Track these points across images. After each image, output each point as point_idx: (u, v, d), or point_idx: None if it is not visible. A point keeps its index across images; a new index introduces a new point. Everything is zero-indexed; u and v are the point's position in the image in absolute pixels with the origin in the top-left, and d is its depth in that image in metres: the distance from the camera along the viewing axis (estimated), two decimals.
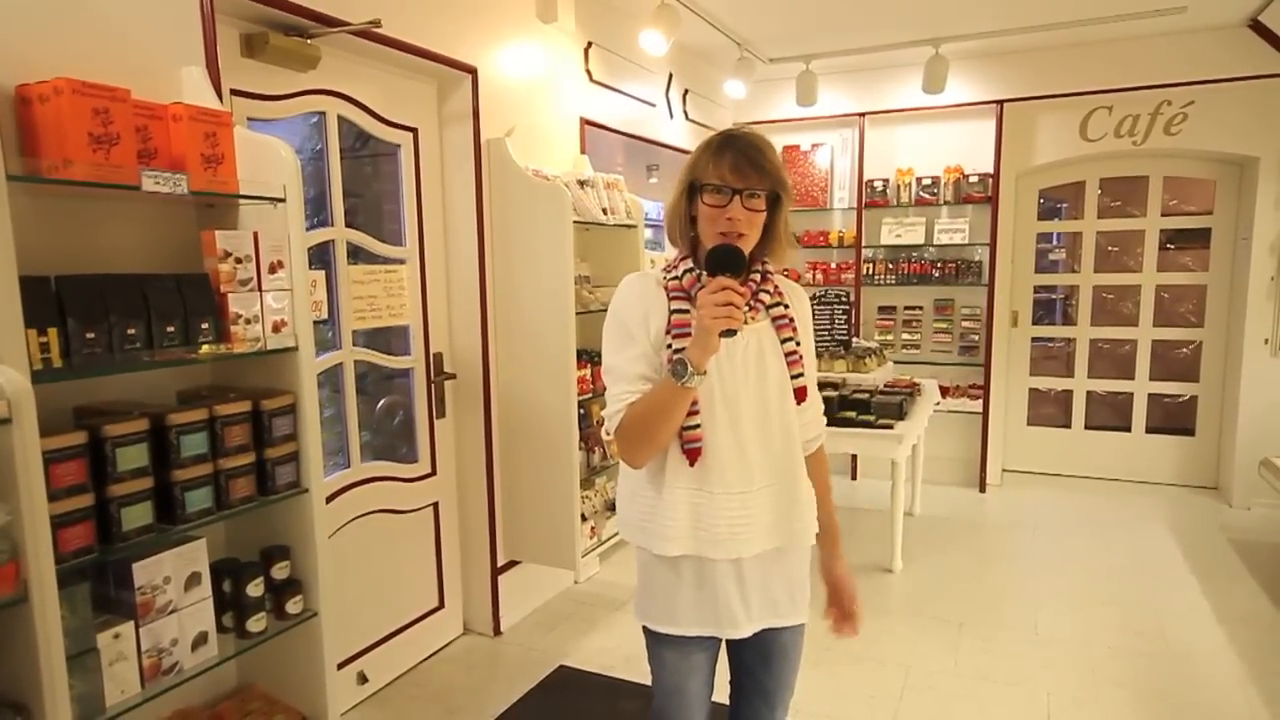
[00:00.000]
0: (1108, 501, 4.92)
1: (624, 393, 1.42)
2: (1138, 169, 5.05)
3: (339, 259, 2.63)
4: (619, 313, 1.47)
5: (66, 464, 1.44)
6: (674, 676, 1.57)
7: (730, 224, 1.40)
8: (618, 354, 1.45)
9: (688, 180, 1.45)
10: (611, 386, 1.45)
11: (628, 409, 1.41)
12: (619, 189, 3.56)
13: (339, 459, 2.74)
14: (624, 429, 1.42)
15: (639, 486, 1.51)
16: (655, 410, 1.38)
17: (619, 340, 1.45)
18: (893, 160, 5.28)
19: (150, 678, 1.62)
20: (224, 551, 1.95)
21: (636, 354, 1.43)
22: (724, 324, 1.30)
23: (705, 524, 1.46)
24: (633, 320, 1.45)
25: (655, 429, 1.39)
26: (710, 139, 1.46)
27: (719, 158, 1.41)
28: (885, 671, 2.94)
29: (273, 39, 2.26)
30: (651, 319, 1.44)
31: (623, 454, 1.46)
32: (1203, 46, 4.52)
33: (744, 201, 1.40)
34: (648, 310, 1.45)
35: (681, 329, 1.40)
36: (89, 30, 1.74)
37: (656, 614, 1.53)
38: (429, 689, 2.89)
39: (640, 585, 1.58)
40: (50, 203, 1.65)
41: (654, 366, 1.43)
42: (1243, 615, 3.35)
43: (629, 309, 1.46)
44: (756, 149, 1.42)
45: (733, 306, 1.29)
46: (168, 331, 1.62)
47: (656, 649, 1.58)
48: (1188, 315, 5.30)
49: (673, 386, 1.34)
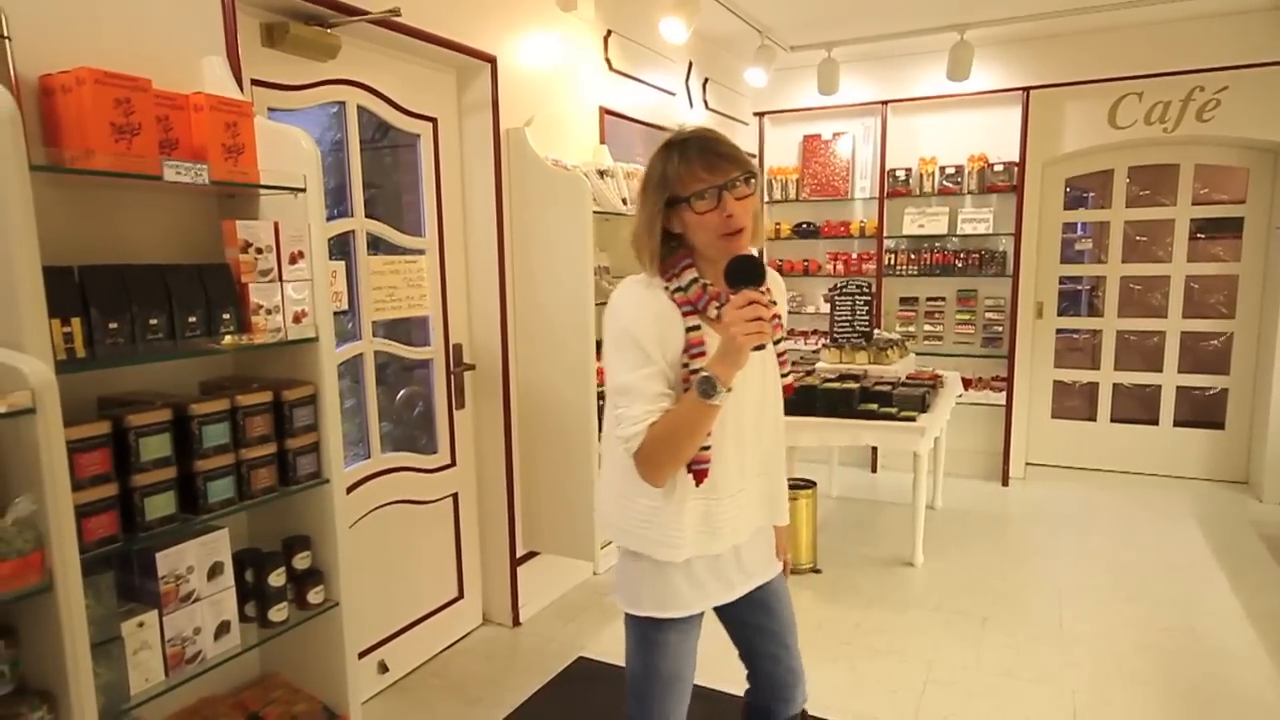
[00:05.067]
0: (1134, 496, 4.84)
1: (646, 413, 1.37)
2: (1168, 157, 4.93)
3: (359, 249, 2.63)
4: (632, 331, 1.40)
5: (90, 454, 1.45)
6: (674, 662, 1.55)
7: (730, 221, 1.37)
8: (633, 372, 1.39)
9: (662, 198, 1.40)
10: (629, 406, 1.39)
11: (648, 429, 1.37)
12: (638, 179, 3.53)
13: (359, 449, 2.74)
14: (649, 450, 1.38)
15: (634, 491, 1.47)
16: (683, 429, 1.36)
17: (634, 359, 1.39)
18: (915, 149, 5.20)
19: (174, 666, 1.63)
20: (246, 541, 1.96)
21: (653, 372, 1.39)
22: (756, 340, 1.28)
23: (709, 525, 1.49)
24: (648, 339, 1.39)
25: (682, 448, 1.37)
26: (663, 151, 1.42)
27: (687, 164, 1.37)
28: (907, 666, 2.91)
29: (293, 28, 2.26)
30: (668, 339, 1.40)
31: (648, 474, 1.41)
32: (1237, 30, 4.40)
33: (733, 194, 1.37)
34: (664, 330, 1.40)
35: (698, 347, 1.38)
36: (111, 20, 1.74)
37: (657, 602, 1.51)
38: (448, 679, 2.90)
39: (630, 580, 1.54)
40: (73, 193, 1.66)
41: (670, 383, 1.40)
42: (1273, 612, 3.28)
43: (642, 327, 1.39)
44: (716, 140, 1.40)
45: (761, 320, 1.27)
46: (189, 322, 1.63)
47: (657, 635, 1.53)
48: (1218, 306, 5.18)
49: (701, 405, 1.32)
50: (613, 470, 1.53)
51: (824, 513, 4.44)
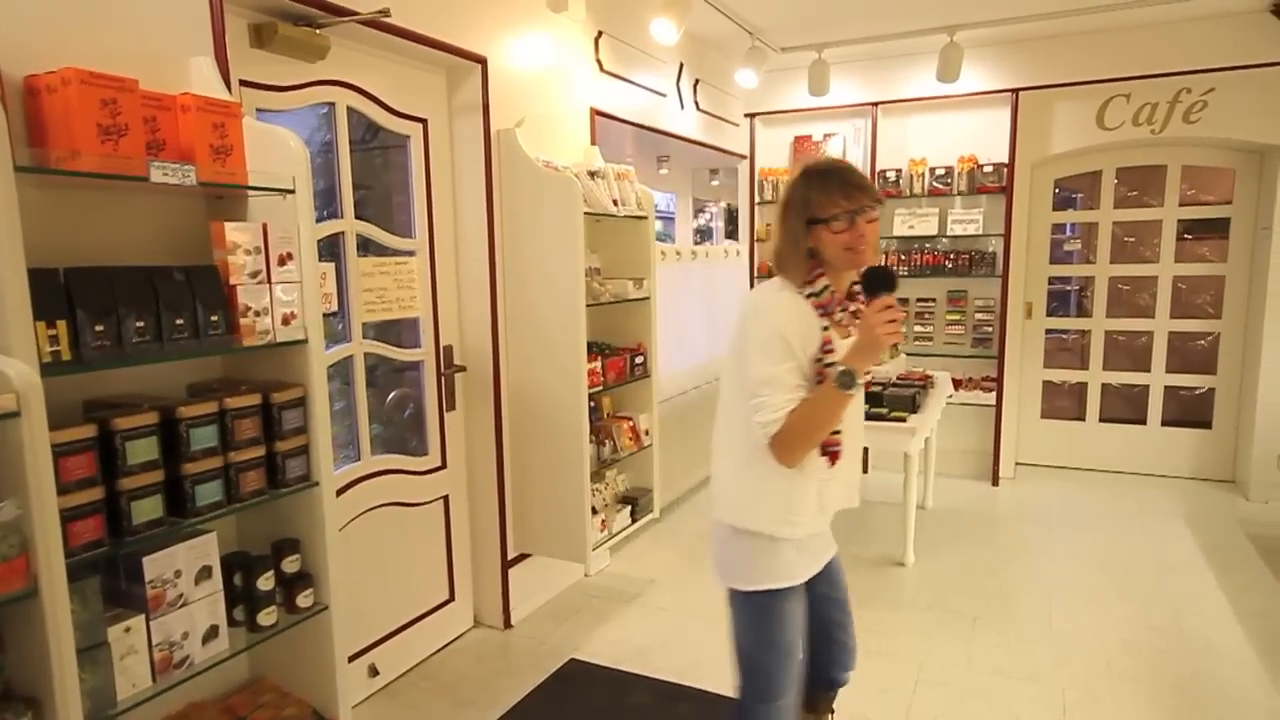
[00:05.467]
0: (1122, 495, 4.87)
1: (786, 401, 1.58)
2: (1155, 158, 4.97)
3: (349, 251, 2.61)
4: (780, 330, 1.61)
5: (76, 457, 1.44)
6: (791, 630, 1.76)
7: (860, 240, 1.61)
8: (778, 365, 1.60)
9: (804, 218, 1.64)
10: (771, 395, 1.59)
11: (787, 416, 1.58)
12: (630, 180, 3.53)
13: (349, 452, 2.73)
14: (788, 434, 1.58)
15: (765, 474, 1.66)
16: (821, 416, 1.58)
17: (780, 354, 1.60)
18: (906, 150, 5.22)
19: (161, 671, 1.62)
20: (235, 545, 1.95)
21: (794, 366, 1.61)
22: (893, 339, 1.52)
23: (821, 503, 1.74)
24: (794, 338, 1.61)
25: (819, 433, 1.60)
26: (804, 179, 1.67)
27: (826, 190, 1.62)
28: (898, 665, 2.91)
29: (281, 29, 2.25)
30: (808, 337, 1.63)
31: (783, 456, 1.61)
32: (1223, 32, 4.44)
33: (864, 218, 1.61)
34: (805, 329, 1.63)
35: (829, 345, 1.63)
36: (97, 20, 1.72)
37: (774, 575, 1.72)
38: (440, 681, 2.89)
39: (744, 559, 1.73)
40: (58, 194, 1.64)
41: (805, 376, 1.62)
42: (1260, 610, 3.31)
43: (790, 328, 1.62)
44: (851, 171, 1.66)
45: (897, 323, 1.52)
46: (177, 324, 1.61)
47: (774, 605, 1.73)
48: (1205, 306, 5.22)
49: (838, 395, 1.55)
50: (739, 457, 1.71)
51: None
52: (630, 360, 3.50)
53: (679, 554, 4.07)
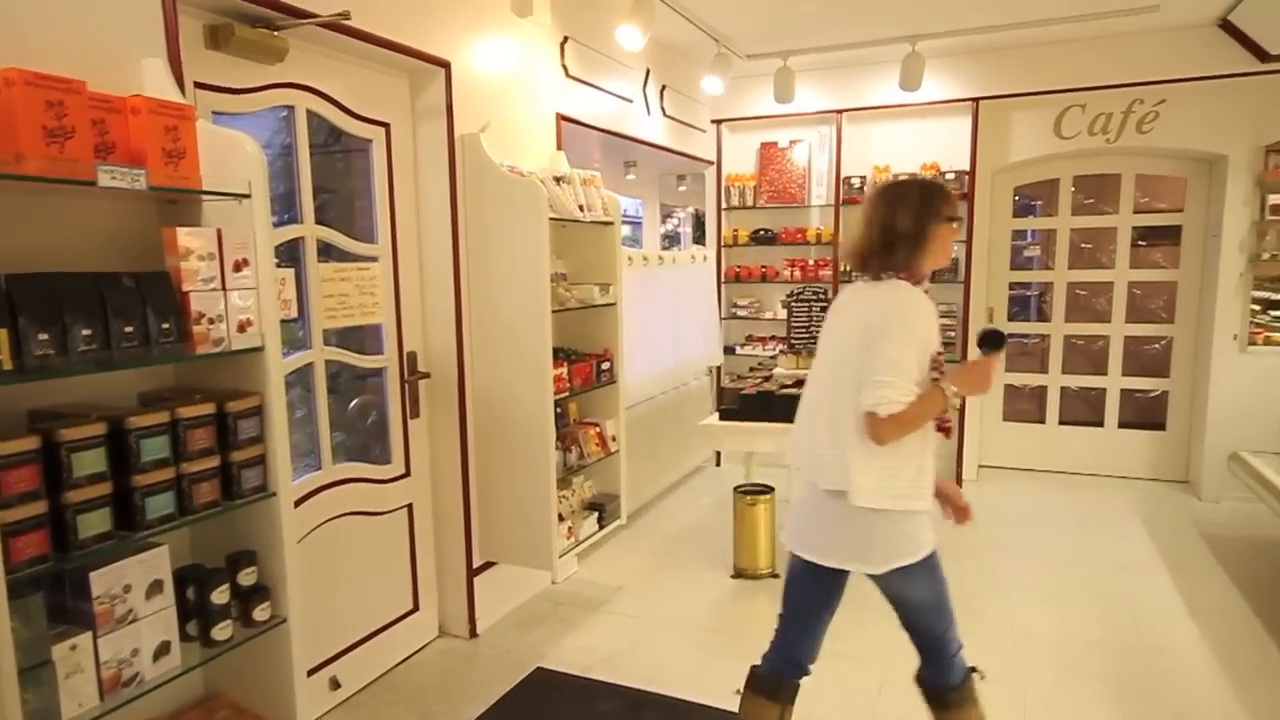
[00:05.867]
0: (1082, 496, 4.97)
1: (910, 390, 1.79)
2: (1110, 166, 5.10)
3: (309, 256, 2.57)
4: (921, 330, 1.83)
5: (18, 470, 1.39)
6: (944, 582, 2.05)
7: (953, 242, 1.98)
8: (911, 356, 1.81)
9: (944, 215, 1.90)
10: (900, 380, 1.78)
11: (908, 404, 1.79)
12: (596, 185, 3.52)
13: (310, 460, 2.68)
14: (905, 418, 1.79)
15: (897, 466, 1.86)
16: (927, 413, 1.84)
17: (917, 350, 1.82)
18: (870, 157, 5.29)
19: (110, 690, 1.57)
20: (188, 558, 1.91)
21: (922, 362, 1.83)
22: (990, 389, 1.97)
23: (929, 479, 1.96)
24: (929, 339, 1.85)
25: (920, 424, 1.84)
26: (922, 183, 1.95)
27: (947, 199, 1.92)
28: (863, 668, 2.93)
29: (238, 31, 2.20)
30: (934, 340, 1.87)
31: (885, 433, 1.79)
32: (1174, 46, 4.57)
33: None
34: (935, 335, 1.89)
35: (938, 362, 1.87)
36: (43, 20, 1.68)
37: (927, 542, 1.97)
38: (403, 694, 2.84)
39: (904, 536, 1.94)
40: (2, 199, 1.59)
41: (923, 373, 1.84)
42: (1214, 608, 3.39)
43: (930, 330, 1.86)
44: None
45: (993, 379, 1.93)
46: (126, 332, 1.57)
47: (936, 562, 2.02)
48: (1159, 311, 5.36)
49: (944, 402, 1.84)
50: (875, 451, 1.83)
51: (782, 517, 4.46)
52: (597, 366, 3.49)
53: (646, 560, 4.06)
